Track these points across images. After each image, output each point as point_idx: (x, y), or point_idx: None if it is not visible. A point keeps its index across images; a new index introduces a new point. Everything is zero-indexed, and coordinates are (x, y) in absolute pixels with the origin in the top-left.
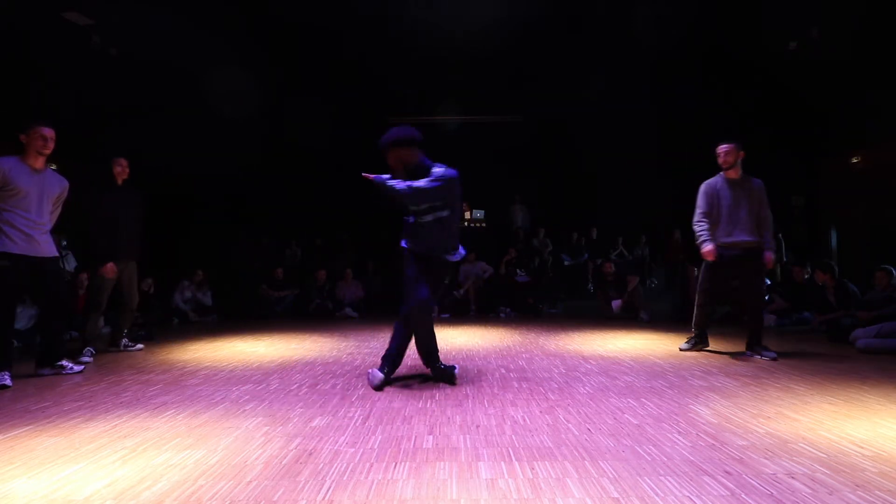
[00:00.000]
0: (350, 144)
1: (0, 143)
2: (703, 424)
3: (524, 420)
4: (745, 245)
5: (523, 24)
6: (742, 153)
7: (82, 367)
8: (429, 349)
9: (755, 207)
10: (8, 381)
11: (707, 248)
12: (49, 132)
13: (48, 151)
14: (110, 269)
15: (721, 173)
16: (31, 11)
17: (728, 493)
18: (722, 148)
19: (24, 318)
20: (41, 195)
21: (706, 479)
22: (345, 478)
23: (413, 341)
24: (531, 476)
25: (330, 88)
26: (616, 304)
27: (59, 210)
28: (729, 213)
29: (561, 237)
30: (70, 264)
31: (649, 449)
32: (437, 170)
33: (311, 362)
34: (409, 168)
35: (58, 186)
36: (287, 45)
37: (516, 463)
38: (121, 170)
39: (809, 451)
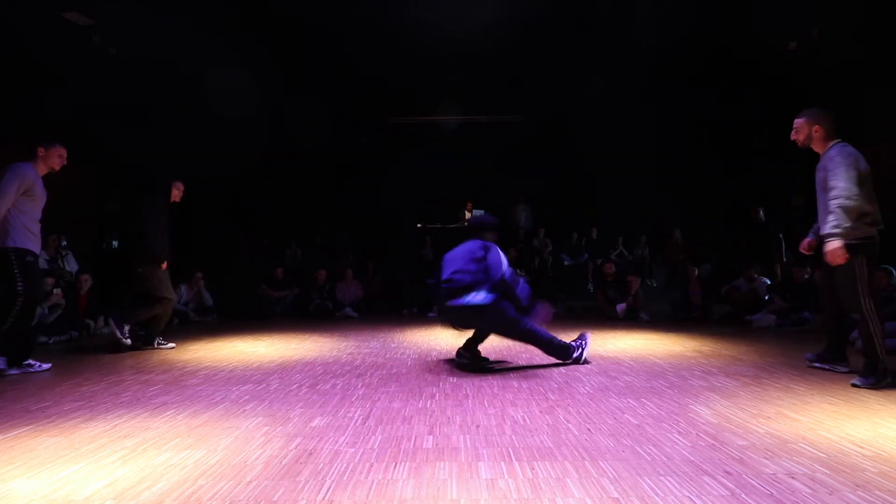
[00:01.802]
0: (350, 144)
1: (0, 143)
2: (703, 424)
3: (524, 420)
4: (823, 236)
5: (523, 24)
6: (817, 125)
7: (49, 365)
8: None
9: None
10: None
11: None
12: (65, 152)
13: (58, 169)
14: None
15: None
16: (31, 11)
17: (728, 493)
18: (795, 124)
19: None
20: (43, 200)
21: (706, 479)
22: (345, 478)
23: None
24: (531, 476)
25: (330, 88)
26: (621, 307)
27: None
28: (816, 199)
29: (561, 237)
30: (70, 264)
31: (649, 449)
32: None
33: (311, 362)
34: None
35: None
36: (287, 46)
37: (516, 463)
38: (178, 193)
39: (809, 451)
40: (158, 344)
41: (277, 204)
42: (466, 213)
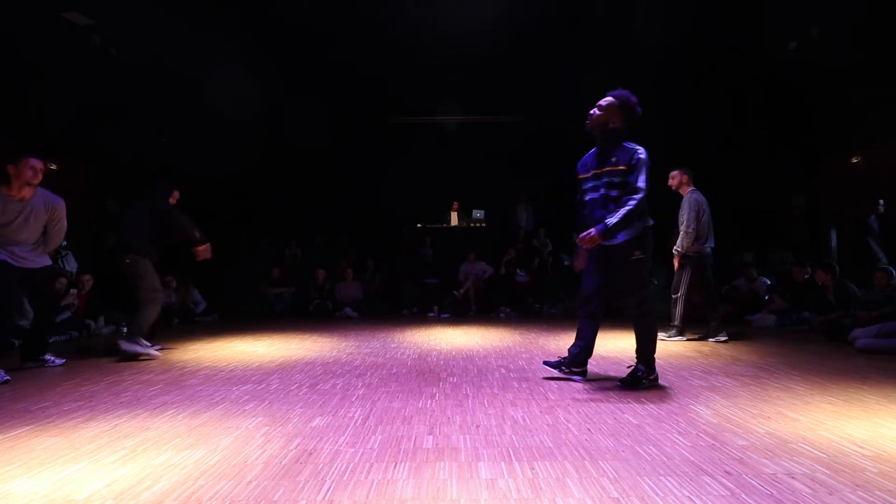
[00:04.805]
0: (350, 144)
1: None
2: (703, 424)
3: (524, 420)
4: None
5: (523, 23)
6: (685, 176)
7: (63, 360)
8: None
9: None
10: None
11: None
12: (38, 163)
13: (37, 182)
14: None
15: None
16: (31, 11)
17: (728, 493)
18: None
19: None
20: (25, 221)
21: (706, 479)
22: (345, 478)
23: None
24: (531, 476)
25: (330, 89)
26: None
27: (60, 226)
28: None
29: (561, 237)
30: (70, 264)
31: (649, 449)
32: (637, 147)
33: (311, 362)
34: (606, 130)
35: (44, 210)
36: (287, 46)
37: (516, 463)
38: (174, 202)
39: (809, 451)
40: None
41: (277, 204)
42: (453, 213)
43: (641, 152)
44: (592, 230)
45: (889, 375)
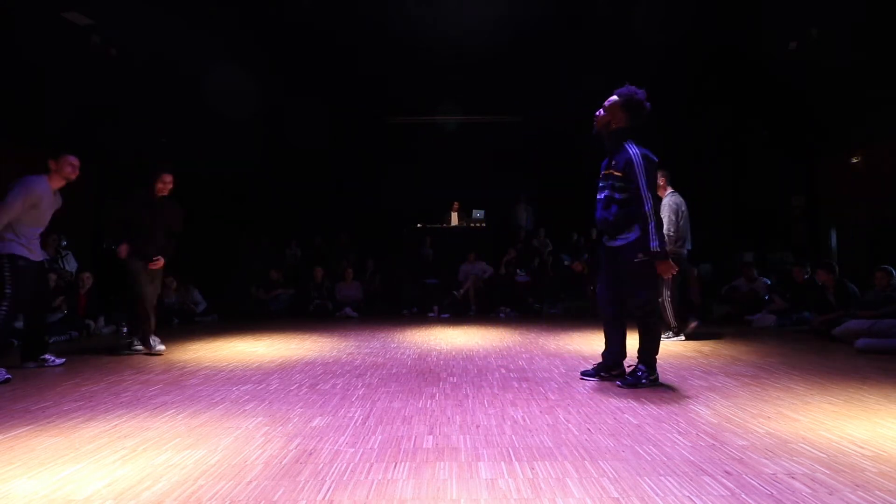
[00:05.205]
0: (350, 144)
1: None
2: (703, 424)
3: (524, 420)
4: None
5: (523, 23)
6: (663, 178)
7: (63, 360)
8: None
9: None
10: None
11: None
12: (76, 161)
13: (74, 178)
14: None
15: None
16: (31, 11)
17: (728, 493)
18: None
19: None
20: (51, 213)
21: (706, 479)
22: (345, 478)
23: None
24: (531, 476)
25: (330, 89)
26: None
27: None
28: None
29: (561, 237)
30: (70, 264)
31: (649, 449)
32: (633, 152)
33: (311, 362)
34: (610, 131)
35: (58, 203)
36: (287, 46)
37: (516, 463)
38: (162, 186)
39: (809, 451)
40: (133, 348)
41: (277, 204)
42: (453, 213)
43: (634, 157)
44: (656, 263)
45: (889, 375)
